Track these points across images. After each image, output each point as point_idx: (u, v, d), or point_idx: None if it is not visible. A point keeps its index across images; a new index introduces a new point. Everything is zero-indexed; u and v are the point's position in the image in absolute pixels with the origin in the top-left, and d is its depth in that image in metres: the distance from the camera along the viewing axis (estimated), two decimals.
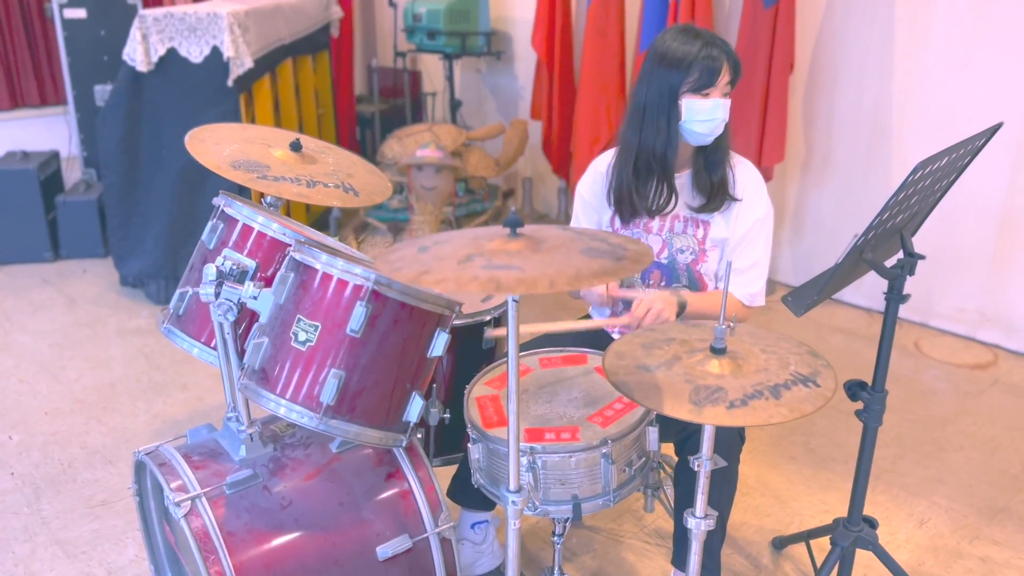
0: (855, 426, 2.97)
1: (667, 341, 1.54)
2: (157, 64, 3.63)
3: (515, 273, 1.20)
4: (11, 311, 3.88)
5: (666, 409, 1.35)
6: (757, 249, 2.06)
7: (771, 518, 2.50)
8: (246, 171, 2.05)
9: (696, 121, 1.93)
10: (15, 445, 2.83)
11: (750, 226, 2.04)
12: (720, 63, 1.92)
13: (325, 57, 5.09)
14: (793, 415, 1.33)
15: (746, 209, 2.03)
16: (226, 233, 1.79)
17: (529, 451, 1.65)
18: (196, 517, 1.55)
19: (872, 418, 1.89)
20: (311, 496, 1.66)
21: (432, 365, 1.63)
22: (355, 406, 1.50)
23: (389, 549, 1.67)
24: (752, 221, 2.04)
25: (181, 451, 1.70)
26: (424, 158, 3.70)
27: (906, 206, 1.69)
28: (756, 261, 2.06)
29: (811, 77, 3.86)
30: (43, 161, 4.48)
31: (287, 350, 1.50)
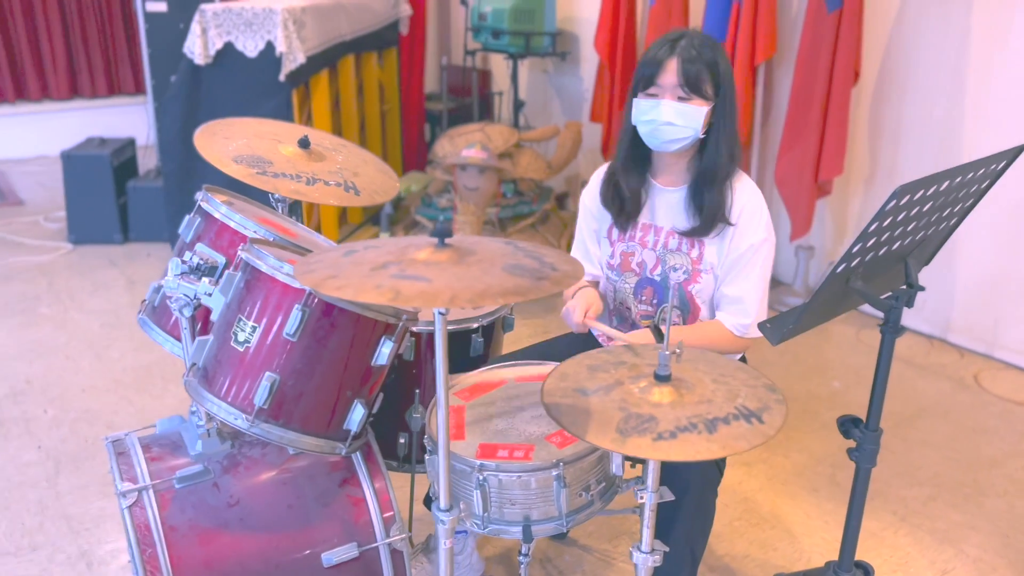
0: (890, 460, 2.80)
1: (616, 364, 1.46)
2: (215, 57, 3.74)
3: (418, 284, 1.15)
4: (75, 289, 4.06)
5: (588, 436, 1.27)
6: (751, 277, 1.90)
7: (777, 553, 2.36)
8: (248, 166, 2.06)
9: (640, 122, 1.85)
10: (48, 419, 2.95)
11: (743, 251, 1.89)
12: (662, 60, 1.80)
13: (393, 54, 5.13)
14: (723, 452, 1.24)
15: (740, 234, 1.90)
16: (202, 228, 1.80)
17: (478, 468, 1.60)
18: (140, 509, 1.57)
19: (864, 458, 1.75)
20: (260, 496, 1.65)
21: (379, 373, 1.59)
22: (290, 411, 1.48)
23: (335, 556, 1.64)
24: (746, 246, 1.89)
25: (143, 441, 1.72)
26: (467, 158, 3.68)
27: (901, 233, 1.55)
28: (749, 289, 1.91)
29: (878, 86, 3.64)
30: (118, 147, 4.68)
31: (227, 350, 1.49)
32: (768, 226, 1.93)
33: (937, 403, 3.14)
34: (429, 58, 5.99)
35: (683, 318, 1.99)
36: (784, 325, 1.55)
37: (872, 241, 1.48)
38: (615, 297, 2.06)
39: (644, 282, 2.00)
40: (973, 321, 3.51)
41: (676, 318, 1.99)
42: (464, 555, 2.14)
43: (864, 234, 1.43)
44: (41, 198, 5.39)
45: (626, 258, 2.02)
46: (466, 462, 1.61)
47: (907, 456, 2.82)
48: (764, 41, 3.70)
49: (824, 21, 3.47)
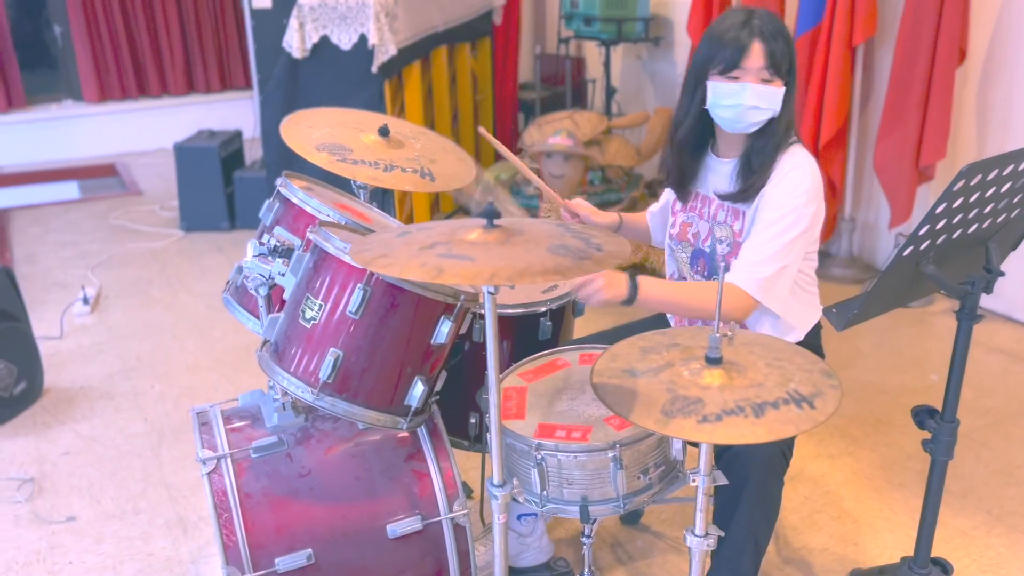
0: (988, 458, 2.66)
1: (669, 346, 1.46)
2: (311, 51, 3.88)
3: (461, 263, 1.19)
4: (184, 274, 4.31)
5: (632, 417, 1.28)
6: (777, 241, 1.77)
7: (857, 548, 2.30)
8: (329, 153, 2.15)
9: (720, 106, 1.80)
10: (155, 394, 3.15)
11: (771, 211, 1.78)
12: (746, 44, 1.75)
13: (486, 44, 5.19)
14: (769, 436, 1.22)
15: (769, 197, 1.80)
16: (281, 212, 1.89)
17: (535, 447, 1.62)
18: (218, 476, 1.67)
19: (940, 450, 1.69)
20: (330, 468, 1.73)
21: (439, 352, 1.64)
22: (353, 386, 1.55)
23: (399, 528, 1.70)
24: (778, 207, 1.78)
25: (225, 413, 1.83)
26: (553, 146, 3.69)
27: (977, 215, 1.48)
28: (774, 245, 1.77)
29: (986, 66, 3.45)
30: (226, 139, 4.92)
31: (296, 327, 1.57)
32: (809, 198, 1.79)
33: None
34: (523, 47, 6.02)
35: None
36: (849, 310, 1.51)
37: (942, 223, 1.43)
38: (676, 268, 2.07)
39: (698, 253, 1.99)
40: None
41: None
42: (534, 537, 2.18)
43: (931, 216, 1.38)
44: (158, 188, 5.72)
45: (684, 228, 2.01)
46: (524, 441, 1.64)
47: (1007, 454, 2.68)
48: (863, 21, 3.56)
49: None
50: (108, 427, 2.94)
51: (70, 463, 2.74)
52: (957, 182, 1.33)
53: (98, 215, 5.25)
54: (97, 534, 2.41)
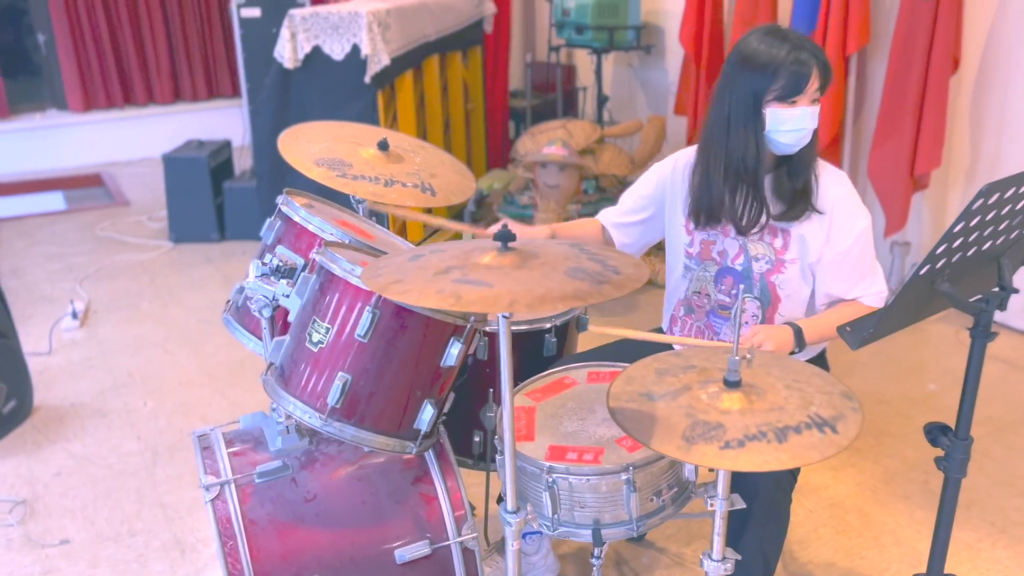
0: (990, 468, 2.66)
1: (685, 368, 1.44)
2: (303, 61, 3.84)
3: (479, 289, 1.16)
4: (174, 286, 4.25)
5: (654, 443, 1.26)
6: (867, 258, 1.92)
7: (864, 562, 2.28)
8: (328, 168, 2.12)
9: (781, 131, 1.79)
10: (148, 411, 3.10)
11: (854, 239, 1.88)
12: (809, 68, 1.76)
13: (477, 53, 5.17)
14: (793, 463, 1.20)
15: (842, 222, 1.88)
16: (283, 231, 1.86)
17: (547, 470, 1.60)
18: (222, 502, 1.63)
19: (953, 468, 1.67)
20: (336, 492, 1.69)
21: (448, 374, 1.61)
22: (362, 410, 1.52)
23: (407, 553, 1.67)
24: (856, 234, 1.88)
25: (227, 437, 1.79)
26: (547, 155, 3.67)
27: (992, 233, 1.47)
28: (870, 265, 1.93)
29: (980, 74, 3.46)
30: (215, 149, 4.87)
31: (302, 350, 1.54)
32: (865, 211, 1.93)
33: None
34: (514, 56, 6.00)
35: (763, 309, 1.95)
36: (864, 329, 1.50)
37: (959, 242, 1.41)
38: (690, 287, 2.02)
39: (724, 271, 1.96)
40: None
41: (756, 309, 1.95)
42: (539, 555, 2.15)
43: (949, 235, 1.37)
44: (146, 199, 5.66)
45: (706, 246, 1.98)
46: (535, 464, 1.61)
47: (1009, 464, 2.68)
48: (857, 29, 3.56)
49: (921, 7, 3.31)
50: (100, 446, 2.89)
51: (62, 484, 2.69)
52: (976, 201, 1.32)
53: (85, 226, 5.19)
54: (92, 557, 2.36)
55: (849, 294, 1.93)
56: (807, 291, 1.95)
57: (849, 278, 1.91)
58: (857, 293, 1.93)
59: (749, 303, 1.96)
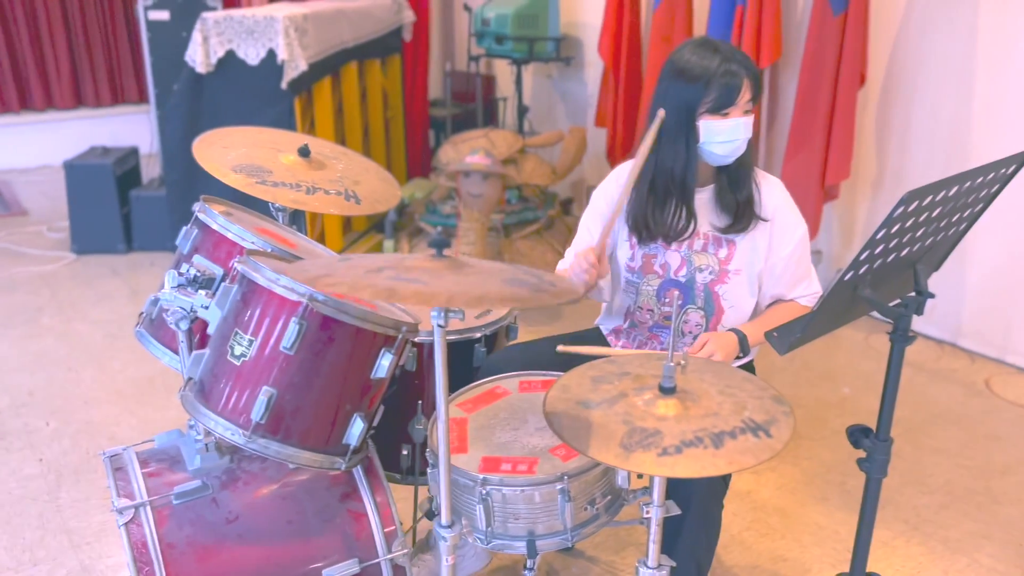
0: (902, 468, 2.76)
1: (620, 376, 1.43)
2: (216, 66, 3.73)
3: (414, 285, 1.13)
4: (77, 300, 4.05)
5: (591, 452, 1.24)
6: (805, 261, 2.00)
7: (787, 564, 2.33)
8: (247, 175, 2.04)
9: (716, 143, 1.81)
10: (50, 432, 2.93)
11: (795, 244, 1.94)
12: (740, 80, 1.78)
13: (396, 61, 5.11)
14: (730, 468, 1.20)
15: (782, 230, 1.93)
16: (199, 239, 1.78)
17: (481, 482, 1.57)
18: (137, 526, 1.54)
19: (874, 469, 1.71)
20: (259, 512, 1.62)
21: (379, 387, 1.56)
22: (288, 426, 1.46)
23: (336, 572, 1.61)
24: (796, 240, 1.94)
25: (141, 456, 1.70)
26: (471, 165, 3.65)
27: (910, 239, 1.52)
28: (807, 268, 2.01)
29: (885, 89, 3.60)
30: (121, 156, 4.67)
31: (224, 364, 1.47)
32: (800, 217, 1.99)
33: (948, 409, 3.10)
34: (433, 64, 5.97)
35: (707, 319, 1.97)
36: (791, 334, 1.52)
37: (880, 248, 1.45)
38: (635, 301, 2.02)
39: (668, 284, 1.97)
40: (984, 326, 3.46)
41: (700, 319, 1.97)
42: (468, 546, 2.11)
43: (872, 241, 1.40)
44: (45, 208, 5.39)
45: (648, 260, 1.99)
46: (468, 476, 1.58)
47: (918, 463, 2.78)
48: (769, 44, 3.67)
49: (829, 24, 3.43)
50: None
51: None
52: (898, 208, 1.35)
53: None
54: None
55: (788, 295, 2.00)
56: (751, 301, 1.98)
57: (789, 281, 1.97)
58: (796, 294, 1.99)
59: (692, 313, 1.97)
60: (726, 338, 1.83)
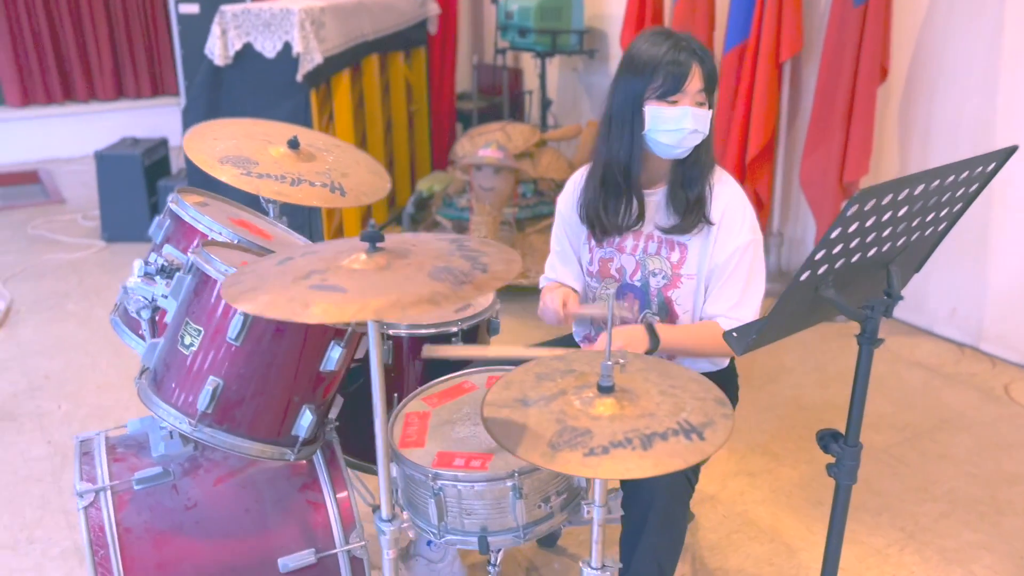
0: (904, 474, 2.68)
1: (565, 373, 1.41)
2: (234, 58, 3.77)
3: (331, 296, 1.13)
4: (101, 287, 4.15)
5: (519, 451, 1.23)
6: (740, 278, 1.85)
7: (772, 568, 2.28)
8: (233, 166, 2.07)
9: (661, 131, 1.77)
10: (61, 415, 3.02)
11: (729, 254, 1.84)
12: (687, 68, 1.75)
13: (421, 53, 5.13)
14: (656, 470, 1.18)
15: (724, 237, 1.85)
16: (171, 230, 1.80)
17: (432, 477, 1.56)
18: (96, 510, 1.57)
19: (843, 475, 1.67)
20: (218, 500, 1.65)
21: (331, 379, 1.57)
22: (234, 416, 1.47)
23: (291, 562, 1.63)
24: (732, 249, 1.84)
25: (111, 442, 1.73)
26: (482, 158, 3.64)
27: (876, 239, 1.47)
28: (740, 290, 1.86)
29: (908, 83, 3.50)
30: (150, 147, 4.77)
31: (174, 353, 1.49)
32: (753, 227, 1.88)
33: (962, 415, 3.00)
34: (462, 57, 5.97)
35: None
36: (748, 335, 1.48)
37: (839, 248, 1.41)
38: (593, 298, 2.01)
39: (625, 288, 1.95)
40: (1007, 329, 3.34)
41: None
42: (445, 563, 2.12)
43: (826, 240, 1.36)
44: (82, 197, 5.53)
45: (604, 264, 1.96)
46: (422, 470, 1.58)
47: (922, 470, 2.70)
48: (789, 37, 3.59)
49: (850, 16, 3.34)
50: (7, 450, 2.80)
51: None
52: (851, 207, 1.31)
53: (16, 224, 5.06)
54: None
55: (708, 311, 1.88)
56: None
57: (716, 294, 1.86)
58: (716, 311, 1.87)
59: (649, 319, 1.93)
60: (632, 331, 1.78)
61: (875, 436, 2.86)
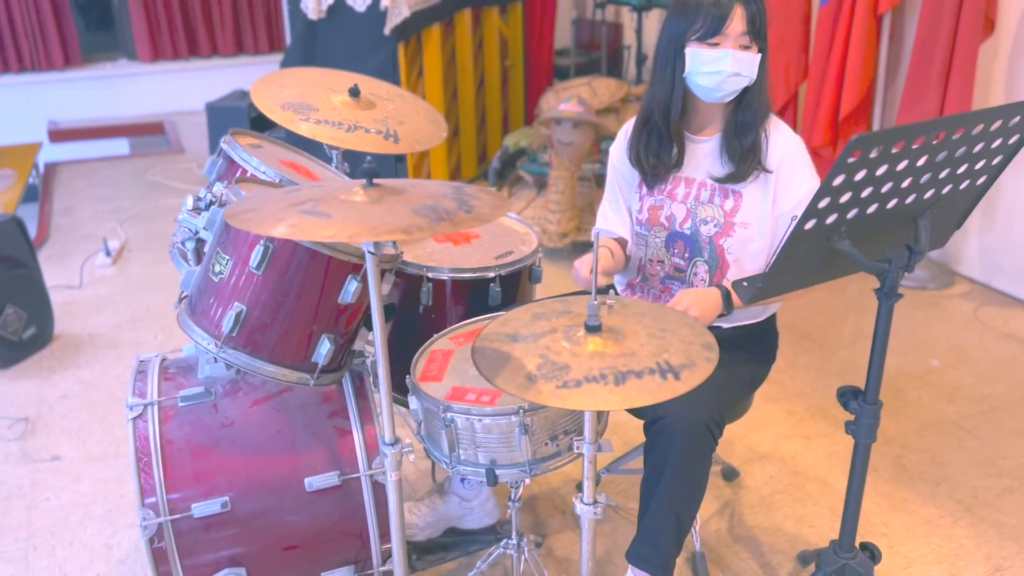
0: (972, 446, 2.57)
1: (560, 314, 1.45)
2: (327, 12, 3.91)
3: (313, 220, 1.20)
4: None
5: (497, 381, 1.28)
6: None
7: (813, 530, 2.25)
8: (294, 112, 2.18)
9: (701, 73, 1.75)
10: (157, 344, 3.28)
11: (798, 200, 1.82)
12: (728, 10, 1.72)
13: (518, 8, 5.13)
14: (622, 405, 1.21)
15: (786, 183, 1.83)
16: (223, 169, 1.93)
17: (444, 409, 1.63)
18: (143, 422, 1.73)
19: (862, 433, 1.63)
20: (252, 420, 1.77)
21: (351, 311, 1.65)
22: (256, 340, 1.58)
23: (317, 482, 1.74)
24: (802, 195, 1.82)
25: (164, 363, 1.89)
26: (562, 112, 3.65)
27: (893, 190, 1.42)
28: None
29: (1018, 38, 3.26)
30: None
31: (206, 280, 1.60)
32: (814, 173, 1.87)
33: None
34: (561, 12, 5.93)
35: (710, 274, 1.92)
36: (755, 284, 1.47)
37: (848, 196, 1.37)
38: (646, 253, 2.01)
39: (675, 236, 1.94)
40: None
41: (704, 273, 1.93)
42: (479, 500, 2.19)
43: (828, 188, 1.32)
44: (199, 147, 5.87)
45: (654, 212, 1.96)
46: (434, 403, 1.65)
47: (994, 444, 2.57)
48: None
49: None
50: (107, 373, 3.07)
51: (65, 406, 2.87)
52: (850, 153, 1.27)
53: (139, 171, 5.43)
54: (77, 474, 2.53)
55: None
56: (760, 256, 1.90)
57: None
58: None
59: (699, 266, 1.93)
60: (706, 295, 1.76)
61: (947, 407, 2.74)
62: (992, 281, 3.52)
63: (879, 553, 1.79)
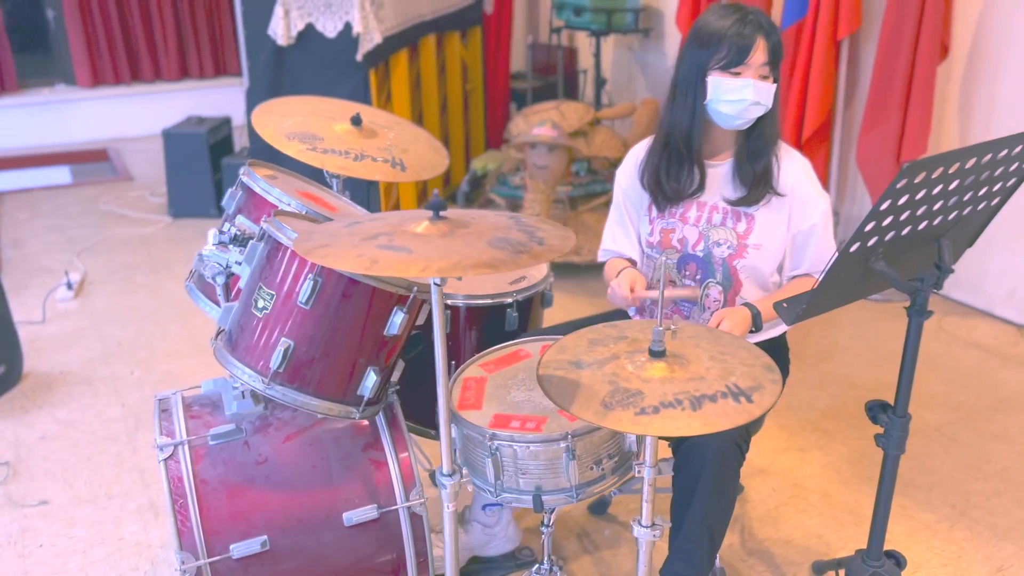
0: (956, 452, 2.68)
1: (617, 339, 1.47)
2: (297, 39, 3.88)
3: (398, 254, 1.20)
4: (170, 260, 4.32)
5: (573, 409, 1.29)
6: (828, 236, 1.96)
7: (821, 540, 2.31)
8: (300, 142, 2.16)
9: (722, 101, 1.81)
10: (134, 380, 3.17)
11: (815, 220, 1.92)
12: (751, 40, 1.79)
13: (477, 33, 5.18)
14: (704, 429, 1.23)
15: (801, 204, 1.93)
16: (243, 201, 1.90)
17: (490, 437, 1.64)
18: (175, 463, 1.68)
19: (892, 445, 1.70)
20: (287, 456, 1.74)
21: (393, 343, 1.65)
22: (304, 375, 1.56)
23: (355, 516, 1.72)
24: (818, 214, 1.92)
25: (187, 401, 1.84)
26: (536, 136, 3.69)
27: (927, 212, 1.49)
28: (828, 246, 1.96)
29: (970, 61, 3.44)
30: (215, 126, 4.92)
31: (248, 316, 1.58)
32: (822, 191, 1.97)
33: (1019, 395, 2.98)
34: (516, 37, 6.00)
35: (724, 294, 1.97)
36: (798, 305, 1.52)
37: (889, 220, 1.43)
38: (654, 275, 2.05)
39: (687, 258, 1.99)
40: None
41: (718, 294, 1.98)
42: (500, 526, 2.19)
43: (876, 213, 1.39)
44: (149, 174, 5.73)
45: (666, 235, 2.01)
46: (479, 431, 1.65)
47: (977, 449, 2.69)
48: (848, 13, 3.56)
49: None
50: (85, 412, 2.96)
51: (46, 448, 2.76)
52: (900, 180, 1.33)
53: (87, 200, 5.26)
54: (69, 518, 2.43)
55: (813, 272, 1.97)
56: (772, 276, 1.98)
57: (813, 257, 1.96)
58: (815, 268, 1.97)
59: (712, 288, 1.98)
60: (740, 314, 1.83)
61: (927, 415, 2.86)
62: (951, 292, 3.68)
63: (904, 560, 1.85)
